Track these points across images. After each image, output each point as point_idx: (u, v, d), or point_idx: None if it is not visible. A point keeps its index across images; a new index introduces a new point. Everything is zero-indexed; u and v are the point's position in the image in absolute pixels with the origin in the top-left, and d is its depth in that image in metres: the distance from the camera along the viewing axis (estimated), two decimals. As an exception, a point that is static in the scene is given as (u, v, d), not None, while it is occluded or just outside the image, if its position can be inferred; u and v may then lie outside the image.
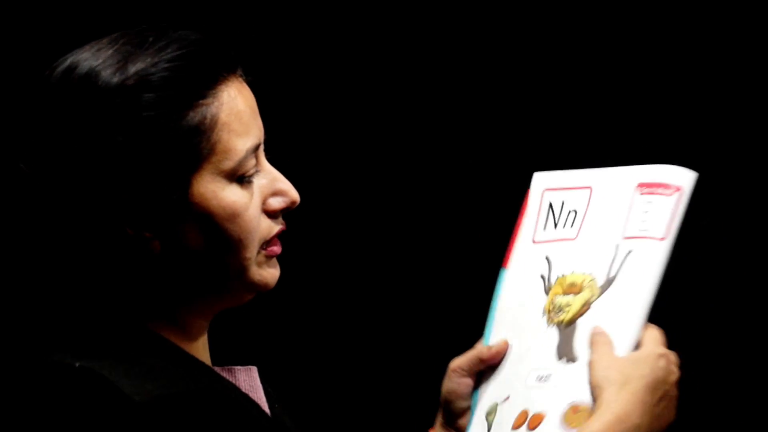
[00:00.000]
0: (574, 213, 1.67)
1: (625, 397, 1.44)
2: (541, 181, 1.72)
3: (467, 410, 1.61)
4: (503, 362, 1.62)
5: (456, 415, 1.63)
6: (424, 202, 2.72)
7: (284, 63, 2.65)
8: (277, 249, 1.50)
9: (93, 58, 1.43)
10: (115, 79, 1.41)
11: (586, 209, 1.66)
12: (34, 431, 1.38)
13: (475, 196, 2.65)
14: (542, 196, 1.72)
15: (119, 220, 1.42)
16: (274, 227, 1.49)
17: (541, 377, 1.58)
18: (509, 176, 2.55)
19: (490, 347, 1.62)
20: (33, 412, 1.38)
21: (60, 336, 1.45)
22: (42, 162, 1.42)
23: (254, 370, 1.57)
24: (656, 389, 1.45)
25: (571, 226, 1.67)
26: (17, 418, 1.39)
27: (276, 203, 1.49)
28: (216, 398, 1.40)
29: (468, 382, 1.61)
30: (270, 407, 1.57)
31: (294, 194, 1.50)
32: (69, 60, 1.44)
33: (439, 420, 1.65)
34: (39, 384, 1.40)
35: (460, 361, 1.62)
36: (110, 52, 1.43)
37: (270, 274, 1.49)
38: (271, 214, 1.49)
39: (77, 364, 1.38)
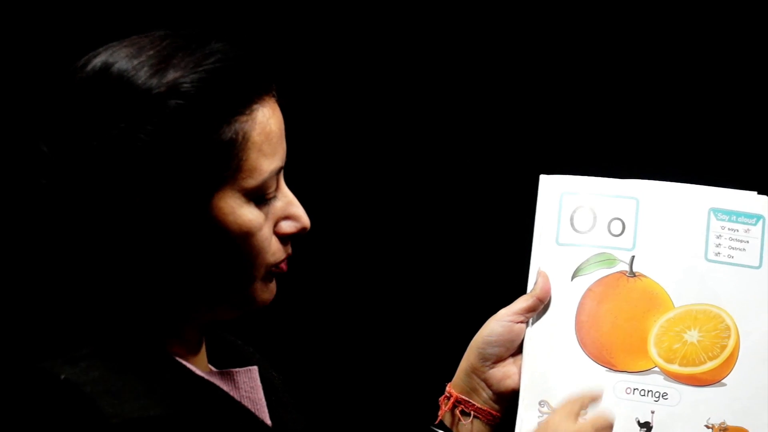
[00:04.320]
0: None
1: None
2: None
3: (500, 359, 1.65)
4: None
5: (487, 361, 1.65)
6: (421, 201, 2.65)
7: (298, 83, 2.56)
8: (284, 267, 1.49)
9: (134, 56, 1.40)
10: (152, 82, 1.38)
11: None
12: None
13: (473, 197, 2.61)
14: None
15: (134, 224, 1.39)
16: (283, 253, 1.48)
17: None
18: (505, 177, 2.57)
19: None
20: (11, 421, 1.35)
21: (56, 339, 1.42)
22: (66, 149, 1.39)
23: (254, 370, 1.56)
24: None
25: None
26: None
27: (287, 227, 1.48)
28: (193, 424, 1.38)
29: (521, 327, 1.65)
30: (270, 404, 1.55)
31: (305, 220, 1.49)
32: (108, 52, 1.42)
33: (463, 368, 1.67)
34: (22, 393, 1.37)
35: (518, 307, 1.65)
36: (151, 52, 1.40)
37: (270, 292, 1.49)
38: (280, 237, 1.48)
39: (62, 377, 1.35)
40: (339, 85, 2.63)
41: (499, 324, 1.64)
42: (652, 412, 1.64)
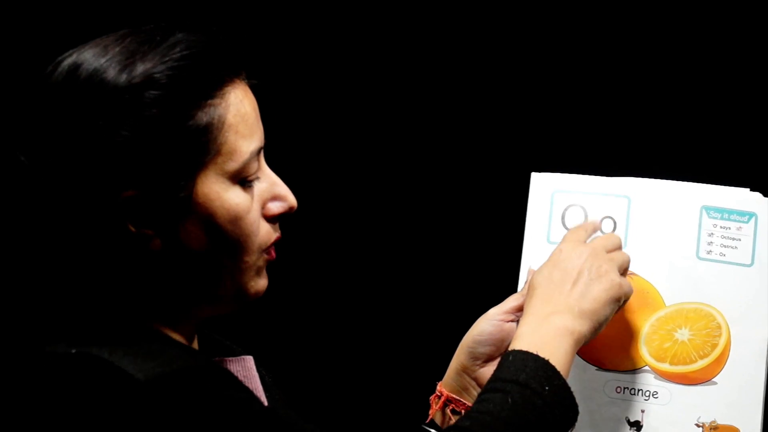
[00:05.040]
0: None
1: (537, 296, 1.54)
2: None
3: (491, 358, 1.63)
4: None
5: (478, 360, 1.64)
6: (413, 200, 2.66)
7: (280, 66, 2.58)
8: (273, 254, 1.50)
9: (100, 55, 1.41)
10: (123, 77, 1.39)
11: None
12: (44, 419, 1.35)
13: (464, 195, 2.61)
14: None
15: (122, 216, 1.40)
16: (273, 234, 1.49)
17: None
18: (496, 175, 2.56)
19: None
20: (38, 401, 1.36)
21: (54, 329, 1.43)
22: (46, 156, 1.39)
23: (249, 359, 1.57)
24: (565, 277, 1.54)
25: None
26: (22, 409, 1.37)
27: (275, 208, 1.49)
28: (216, 372, 1.39)
29: (512, 326, 1.63)
30: (267, 396, 1.57)
31: (292, 199, 1.50)
32: (75, 56, 1.42)
33: (454, 367, 1.67)
34: (39, 373, 1.38)
35: (508, 306, 1.64)
36: (117, 49, 1.42)
37: (262, 283, 1.49)
38: (269, 219, 1.49)
39: (73, 351, 1.37)
40: (329, 80, 2.63)
41: (489, 323, 1.63)
42: (643, 411, 1.64)
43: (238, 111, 1.44)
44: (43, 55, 1.47)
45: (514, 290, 1.67)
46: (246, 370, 1.55)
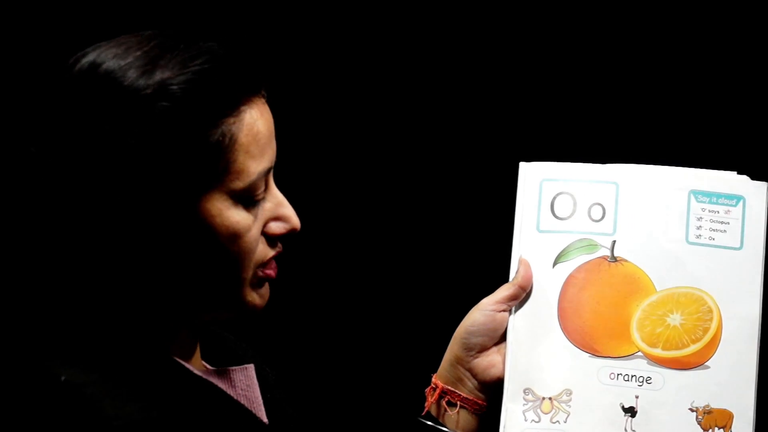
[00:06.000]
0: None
1: None
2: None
3: (484, 348, 1.66)
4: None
5: (472, 351, 1.66)
6: (403, 193, 2.67)
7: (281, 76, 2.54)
8: (271, 272, 1.48)
9: (121, 57, 1.39)
10: (138, 83, 1.37)
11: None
12: None
13: (453, 187, 2.62)
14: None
15: (121, 224, 1.38)
16: (270, 251, 1.48)
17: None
18: (485, 166, 2.58)
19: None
20: (13, 424, 1.36)
21: (54, 338, 1.42)
22: (54, 150, 1.38)
23: (251, 368, 1.56)
24: None
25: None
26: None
27: (277, 228, 1.48)
28: (193, 423, 1.39)
29: (504, 316, 1.65)
30: (266, 401, 1.56)
31: (295, 221, 1.48)
32: (96, 53, 1.40)
33: (448, 359, 1.68)
34: (24, 393, 1.37)
35: (500, 296, 1.66)
36: (139, 53, 1.39)
37: (261, 296, 1.48)
38: (270, 238, 1.47)
39: (63, 378, 1.35)
40: (317, 74, 2.63)
41: (481, 313, 1.64)
42: (637, 397, 1.65)
43: (251, 131, 1.41)
44: (52, 52, 1.47)
45: (506, 280, 1.67)
46: (248, 379, 1.55)
